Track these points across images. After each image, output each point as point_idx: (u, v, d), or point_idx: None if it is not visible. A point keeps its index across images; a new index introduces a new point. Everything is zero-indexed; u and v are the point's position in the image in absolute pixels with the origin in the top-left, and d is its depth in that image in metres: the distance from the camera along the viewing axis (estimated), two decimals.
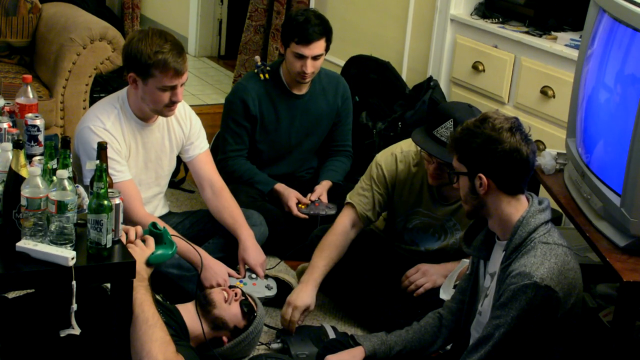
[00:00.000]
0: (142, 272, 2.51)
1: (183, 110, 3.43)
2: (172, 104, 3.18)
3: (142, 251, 2.54)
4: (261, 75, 3.91)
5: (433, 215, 3.32)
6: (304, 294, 3.16)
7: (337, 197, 3.84)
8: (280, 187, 3.88)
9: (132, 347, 2.45)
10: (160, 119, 3.34)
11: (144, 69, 3.12)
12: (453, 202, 3.28)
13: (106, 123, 3.21)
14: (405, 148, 3.32)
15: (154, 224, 2.65)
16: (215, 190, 3.47)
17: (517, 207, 2.48)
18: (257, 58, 4.04)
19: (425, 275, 3.28)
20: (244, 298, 2.99)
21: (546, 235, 2.44)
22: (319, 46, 3.76)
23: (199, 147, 3.48)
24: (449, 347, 2.79)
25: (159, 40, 3.10)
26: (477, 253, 2.61)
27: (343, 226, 3.32)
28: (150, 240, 2.58)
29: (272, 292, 3.38)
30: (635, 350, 2.63)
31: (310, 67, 3.77)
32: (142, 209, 3.22)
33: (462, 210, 3.21)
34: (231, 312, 2.93)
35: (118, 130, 3.23)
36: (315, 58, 3.77)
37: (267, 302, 3.38)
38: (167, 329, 2.52)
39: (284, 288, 3.44)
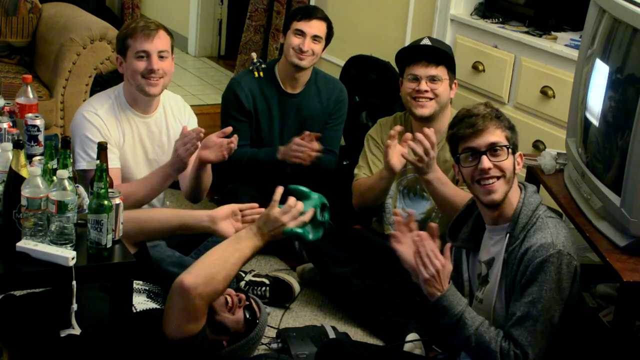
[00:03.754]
0: (265, 234, 2.56)
1: (183, 106, 3.47)
2: (148, 73, 3.22)
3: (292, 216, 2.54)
4: (255, 73, 3.91)
5: None
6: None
7: (329, 191, 3.82)
8: (281, 148, 3.84)
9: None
10: (158, 113, 3.37)
11: (122, 45, 3.26)
12: None
13: (99, 110, 3.28)
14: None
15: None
16: None
17: (516, 189, 2.56)
18: (254, 55, 4.04)
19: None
20: (247, 303, 2.89)
21: (547, 212, 2.53)
22: (319, 26, 3.80)
23: None
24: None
25: (135, 19, 3.23)
26: (466, 244, 2.63)
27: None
28: (307, 216, 2.57)
29: None
30: (635, 350, 2.63)
31: (308, 45, 3.77)
32: None
33: (439, 160, 3.32)
34: (234, 319, 2.83)
35: (111, 118, 3.28)
36: (314, 39, 3.79)
37: (267, 302, 3.38)
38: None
39: (284, 288, 3.44)
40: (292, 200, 2.56)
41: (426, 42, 3.40)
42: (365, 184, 3.46)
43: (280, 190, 2.59)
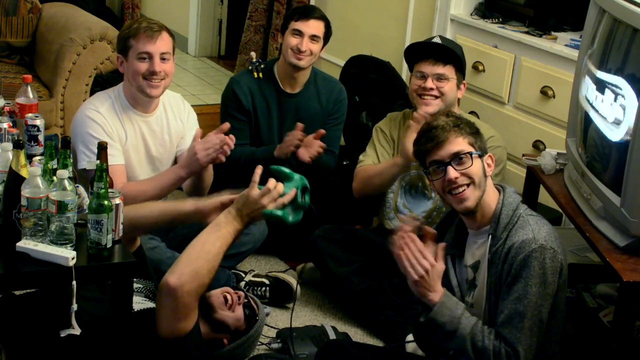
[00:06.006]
0: (244, 216, 2.52)
1: (182, 104, 3.48)
2: (150, 74, 3.22)
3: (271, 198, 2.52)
4: (255, 74, 3.91)
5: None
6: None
7: (330, 191, 3.84)
8: (278, 146, 3.83)
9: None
10: (159, 111, 3.37)
11: (124, 44, 3.25)
12: None
13: (100, 108, 3.28)
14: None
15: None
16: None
17: (493, 191, 2.57)
18: (253, 54, 4.04)
19: None
20: (246, 301, 2.92)
21: (528, 210, 2.55)
22: (317, 26, 3.80)
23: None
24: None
25: (137, 19, 3.21)
26: (451, 251, 2.63)
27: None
28: (287, 198, 2.54)
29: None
30: (635, 350, 2.63)
31: (306, 45, 3.77)
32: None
33: None
34: (234, 316, 2.85)
35: (113, 116, 3.28)
36: (312, 38, 3.79)
37: (267, 302, 3.38)
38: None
39: (284, 288, 3.44)
40: (272, 181, 2.55)
41: (437, 40, 3.43)
42: (374, 169, 3.47)
43: (259, 170, 2.58)
